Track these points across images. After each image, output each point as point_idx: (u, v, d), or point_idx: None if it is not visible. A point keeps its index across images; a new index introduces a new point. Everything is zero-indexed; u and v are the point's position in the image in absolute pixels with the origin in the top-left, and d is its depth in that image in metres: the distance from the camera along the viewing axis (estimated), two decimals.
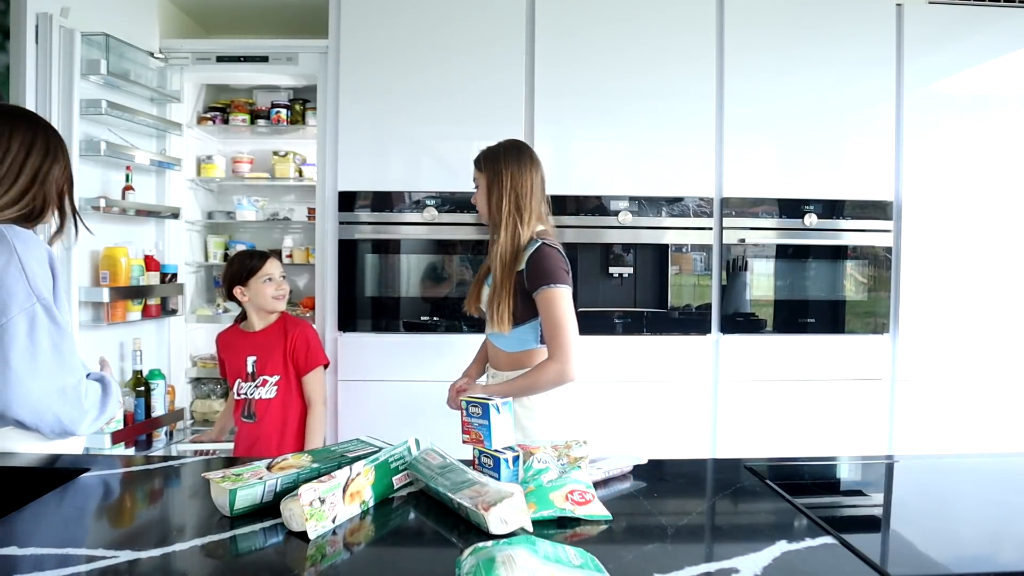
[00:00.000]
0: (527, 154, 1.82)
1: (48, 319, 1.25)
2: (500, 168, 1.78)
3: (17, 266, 1.24)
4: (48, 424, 1.26)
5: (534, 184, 1.79)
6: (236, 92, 3.13)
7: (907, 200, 2.58)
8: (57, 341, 1.26)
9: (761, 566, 0.87)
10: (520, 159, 1.79)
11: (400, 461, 1.14)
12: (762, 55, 2.54)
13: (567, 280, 1.72)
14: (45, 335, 1.24)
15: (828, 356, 2.58)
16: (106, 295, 2.32)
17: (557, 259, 1.72)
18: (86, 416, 1.29)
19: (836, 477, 1.42)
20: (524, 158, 1.80)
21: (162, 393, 2.57)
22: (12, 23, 2.10)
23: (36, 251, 1.28)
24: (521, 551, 0.78)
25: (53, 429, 1.27)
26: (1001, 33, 2.61)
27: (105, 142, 2.34)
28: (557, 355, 1.69)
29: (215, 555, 0.90)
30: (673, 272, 2.54)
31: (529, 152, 1.83)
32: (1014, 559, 0.97)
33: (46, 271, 1.29)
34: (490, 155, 1.83)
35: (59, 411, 1.25)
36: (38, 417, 1.24)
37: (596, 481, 1.16)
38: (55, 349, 1.25)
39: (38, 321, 1.24)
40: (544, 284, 1.69)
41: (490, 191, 1.80)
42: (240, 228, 3.23)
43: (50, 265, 1.30)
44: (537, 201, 1.80)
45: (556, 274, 1.70)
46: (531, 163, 1.80)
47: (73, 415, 1.27)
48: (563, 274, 1.71)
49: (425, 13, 2.48)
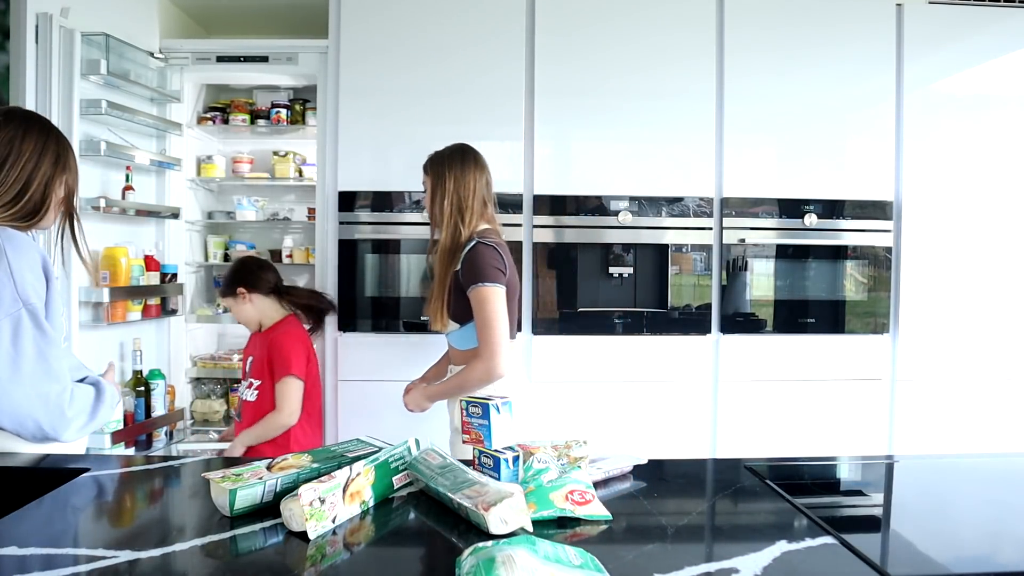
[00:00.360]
0: (471, 157, 1.88)
1: (33, 325, 1.24)
2: (444, 171, 1.85)
3: (6, 270, 1.23)
4: (29, 430, 1.25)
5: (477, 186, 1.85)
6: (236, 92, 3.13)
7: (907, 200, 2.58)
8: (42, 347, 1.24)
9: (761, 566, 0.87)
10: (464, 162, 1.86)
11: (400, 461, 1.14)
12: (762, 55, 2.54)
13: (498, 278, 1.74)
14: (30, 341, 1.23)
15: (828, 356, 2.57)
16: (106, 295, 2.32)
17: (489, 257, 1.75)
18: (71, 424, 1.28)
19: (836, 477, 1.42)
20: (468, 161, 1.86)
21: (162, 393, 2.57)
22: (12, 23, 2.10)
23: (28, 255, 1.27)
24: (521, 551, 0.78)
25: (34, 435, 1.26)
26: (1001, 33, 2.61)
27: (105, 142, 2.34)
28: (484, 353, 1.73)
29: (215, 555, 0.90)
30: (673, 272, 2.54)
31: (474, 155, 1.89)
32: (1014, 559, 0.97)
33: (38, 276, 1.27)
34: (435, 159, 1.90)
35: (40, 418, 1.24)
36: (18, 423, 1.23)
37: (596, 481, 1.16)
38: (39, 355, 1.24)
39: (23, 327, 1.23)
40: (474, 283, 1.74)
41: (434, 193, 1.86)
42: (240, 228, 3.23)
43: (44, 270, 1.29)
44: (480, 202, 1.85)
45: (486, 272, 1.73)
46: (475, 166, 1.86)
47: (55, 423, 1.25)
48: (494, 272, 1.74)
49: (425, 13, 2.48)
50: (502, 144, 2.51)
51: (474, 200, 1.83)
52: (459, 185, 1.83)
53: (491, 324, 1.72)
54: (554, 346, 2.51)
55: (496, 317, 1.73)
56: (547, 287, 2.51)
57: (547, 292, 2.51)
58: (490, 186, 1.90)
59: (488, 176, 1.90)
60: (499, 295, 1.74)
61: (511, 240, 2.45)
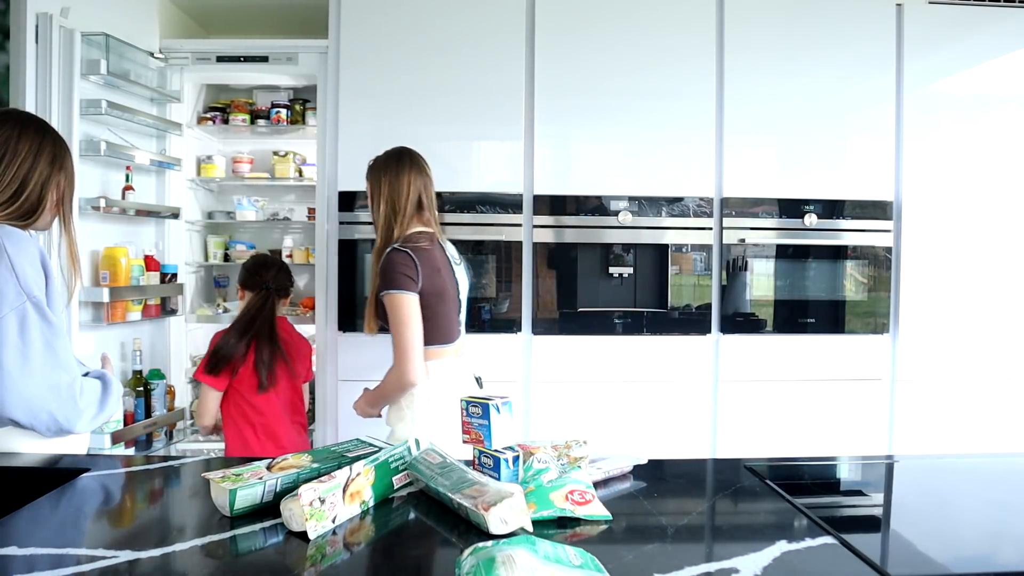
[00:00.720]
0: (407, 160, 1.87)
1: (39, 317, 1.25)
2: (379, 175, 1.86)
3: (7, 265, 1.24)
4: (43, 423, 1.25)
5: (411, 189, 1.84)
6: (236, 92, 3.13)
7: (907, 200, 2.58)
8: (49, 339, 1.26)
9: (761, 566, 0.87)
10: (399, 166, 1.86)
11: (400, 461, 1.14)
12: (762, 55, 2.54)
13: (406, 285, 1.73)
14: (37, 333, 1.24)
15: (828, 356, 2.58)
16: (106, 295, 2.32)
17: (398, 264, 1.74)
18: (83, 414, 1.29)
19: (836, 477, 1.42)
20: (403, 164, 1.86)
21: (162, 393, 2.57)
22: (12, 23, 2.10)
23: (28, 250, 1.28)
24: (521, 551, 0.78)
25: (49, 428, 1.27)
26: (1001, 33, 2.61)
27: (105, 142, 2.34)
28: (395, 361, 1.76)
29: (215, 555, 0.90)
30: (673, 272, 2.54)
31: (410, 158, 1.88)
32: (1014, 559, 0.97)
33: (37, 270, 1.29)
34: (372, 164, 1.91)
35: (54, 409, 1.25)
36: (32, 416, 1.24)
37: (596, 481, 1.16)
38: (47, 347, 1.25)
39: (29, 319, 1.24)
40: (383, 290, 1.75)
41: (371, 198, 1.88)
42: (240, 228, 3.23)
43: (43, 265, 1.31)
44: (413, 205, 1.85)
45: (393, 280, 1.74)
46: (410, 169, 1.86)
47: (68, 413, 1.27)
48: (401, 279, 1.73)
49: (425, 13, 2.48)
50: (502, 144, 2.51)
51: (407, 203, 1.83)
52: (392, 189, 1.83)
53: (398, 331, 1.74)
54: (554, 346, 2.51)
55: (403, 324, 1.73)
56: (547, 287, 2.51)
57: (547, 292, 2.51)
58: (429, 188, 1.89)
59: (427, 179, 1.88)
60: (406, 302, 1.73)
61: (511, 240, 2.47)
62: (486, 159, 2.53)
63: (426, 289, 1.77)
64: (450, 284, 1.85)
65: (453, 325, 1.87)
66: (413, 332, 1.74)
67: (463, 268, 1.97)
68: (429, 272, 1.77)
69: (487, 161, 2.53)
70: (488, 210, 2.48)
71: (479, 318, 2.49)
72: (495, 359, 2.49)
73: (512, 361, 2.51)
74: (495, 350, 2.49)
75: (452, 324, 1.87)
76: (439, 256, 1.84)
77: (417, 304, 1.75)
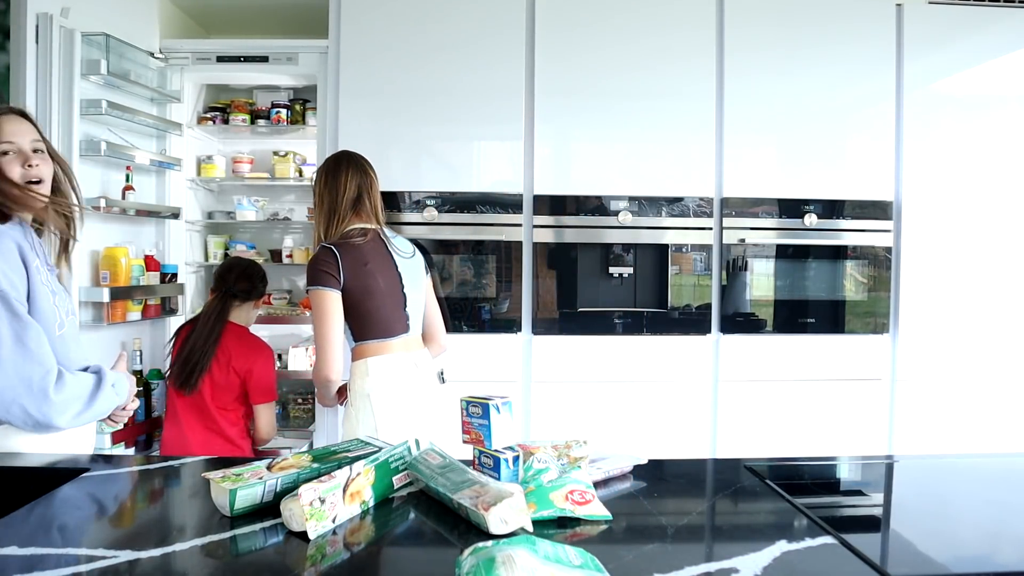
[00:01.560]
0: (345, 161, 1.91)
1: (7, 311, 1.24)
2: (320, 178, 1.91)
3: None
4: (16, 416, 1.25)
5: (348, 188, 1.87)
6: (236, 92, 3.13)
7: (907, 200, 2.58)
8: (19, 332, 1.25)
9: (761, 566, 0.87)
10: (336, 167, 1.90)
11: (400, 461, 1.15)
12: (762, 54, 2.54)
13: (326, 281, 1.77)
14: (5, 327, 1.24)
15: (828, 356, 2.58)
16: (106, 295, 2.32)
17: (319, 261, 1.79)
18: (58, 408, 1.27)
19: (836, 477, 1.42)
20: (340, 166, 1.90)
21: (162, 393, 2.57)
22: (12, 23, 2.10)
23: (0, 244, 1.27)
24: (521, 551, 0.78)
25: (25, 422, 1.26)
26: (1001, 33, 2.61)
27: (105, 142, 2.34)
28: (316, 357, 1.80)
29: (215, 555, 0.90)
30: (673, 272, 2.54)
31: (348, 159, 1.92)
32: (1014, 559, 0.97)
33: (12, 263, 1.27)
34: (317, 168, 1.96)
35: (25, 403, 1.24)
36: (4, 410, 1.24)
37: (596, 481, 1.16)
38: (17, 340, 1.24)
39: None
40: (307, 286, 1.80)
41: (314, 200, 1.93)
42: (240, 228, 3.22)
43: (21, 257, 1.29)
44: (349, 204, 1.88)
45: (313, 276, 1.78)
46: (348, 169, 1.89)
47: (40, 406, 1.25)
48: (320, 275, 1.77)
49: (425, 13, 2.48)
50: (502, 144, 2.51)
51: (344, 202, 1.87)
52: (330, 190, 1.88)
53: (316, 327, 1.78)
54: (554, 346, 2.51)
55: (321, 320, 1.77)
56: (547, 287, 2.51)
57: (547, 292, 2.51)
58: (369, 186, 1.91)
59: (368, 178, 1.91)
60: (325, 298, 1.76)
61: (511, 240, 2.47)
62: (486, 159, 2.53)
63: (350, 285, 1.79)
64: (385, 278, 1.85)
65: (394, 319, 1.87)
66: (329, 327, 1.77)
67: (416, 261, 1.97)
68: (353, 267, 1.79)
69: (487, 161, 2.53)
70: (488, 210, 2.48)
71: (479, 318, 2.49)
72: (495, 359, 2.49)
73: (512, 361, 2.51)
74: (495, 350, 2.49)
75: (391, 318, 1.86)
76: (372, 250, 1.85)
77: (337, 300, 1.78)
